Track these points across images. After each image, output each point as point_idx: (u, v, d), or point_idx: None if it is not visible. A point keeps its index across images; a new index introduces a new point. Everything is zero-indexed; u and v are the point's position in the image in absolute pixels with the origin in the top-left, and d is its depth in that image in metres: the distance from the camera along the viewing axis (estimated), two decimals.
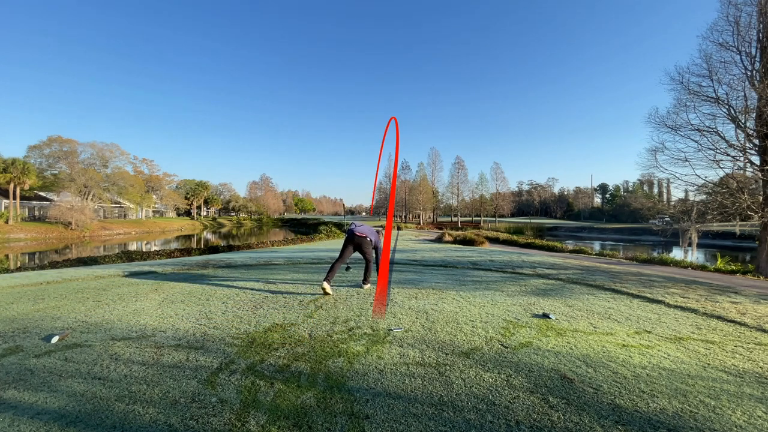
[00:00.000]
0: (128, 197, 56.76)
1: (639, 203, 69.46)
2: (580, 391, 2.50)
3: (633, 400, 2.38)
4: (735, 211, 12.03)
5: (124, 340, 3.39)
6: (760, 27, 11.75)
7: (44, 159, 47.40)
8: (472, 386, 2.54)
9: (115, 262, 12.39)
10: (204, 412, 2.18)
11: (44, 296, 5.23)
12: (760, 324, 4.17)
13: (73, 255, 20.28)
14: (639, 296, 5.54)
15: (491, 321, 4.08)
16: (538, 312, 4.48)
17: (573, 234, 58.95)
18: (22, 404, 2.27)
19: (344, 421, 2.09)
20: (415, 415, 2.16)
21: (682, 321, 4.28)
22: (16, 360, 2.94)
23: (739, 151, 12.27)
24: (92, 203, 47.32)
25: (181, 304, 4.76)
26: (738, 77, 12.17)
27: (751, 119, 12.11)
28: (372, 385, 2.53)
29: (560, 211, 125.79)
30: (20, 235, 36.41)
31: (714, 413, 2.26)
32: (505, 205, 78.90)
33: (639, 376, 2.76)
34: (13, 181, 39.74)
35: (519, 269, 8.27)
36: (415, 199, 69.78)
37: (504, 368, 2.84)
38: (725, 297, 5.61)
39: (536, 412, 2.23)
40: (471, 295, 5.43)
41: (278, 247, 16.66)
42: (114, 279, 6.79)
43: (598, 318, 4.32)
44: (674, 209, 15.17)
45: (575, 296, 5.50)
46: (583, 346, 3.35)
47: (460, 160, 76.76)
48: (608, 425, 2.10)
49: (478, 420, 2.13)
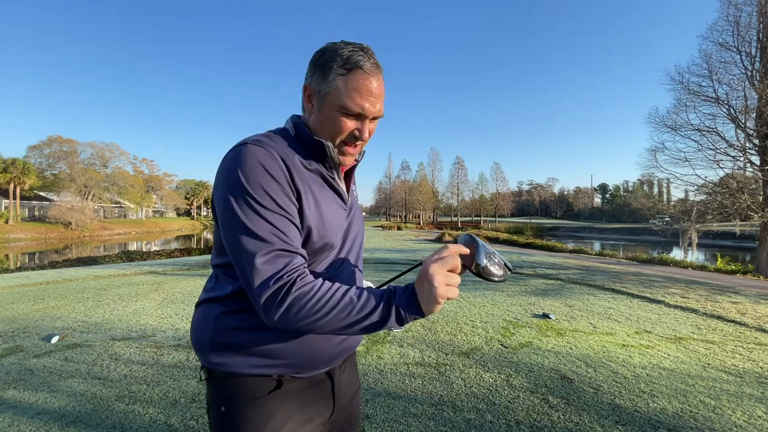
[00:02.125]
0: (128, 197, 56.76)
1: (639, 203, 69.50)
2: (580, 391, 2.50)
3: (633, 400, 2.38)
4: (735, 211, 12.03)
5: (124, 340, 3.39)
6: (760, 27, 11.75)
7: (44, 159, 47.38)
8: (472, 386, 2.54)
9: (115, 262, 12.39)
10: (204, 412, 2.18)
11: (44, 296, 5.23)
12: (760, 324, 4.17)
13: (73, 255, 20.28)
14: (639, 296, 5.54)
15: (491, 321, 4.08)
16: (538, 312, 4.48)
17: (573, 234, 58.98)
18: (22, 404, 2.27)
19: None
20: (415, 415, 2.16)
21: (682, 321, 4.28)
22: (16, 360, 2.94)
23: (739, 151, 12.27)
24: (92, 203, 47.31)
25: (181, 304, 4.76)
26: (738, 77, 12.17)
27: (751, 119, 12.11)
28: (372, 385, 2.53)
29: (560, 211, 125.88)
30: (20, 235, 36.42)
31: (714, 413, 2.26)
32: (505, 205, 78.91)
33: (639, 376, 2.76)
34: (13, 181, 39.76)
35: (519, 269, 8.27)
36: (415, 199, 69.74)
37: (504, 368, 2.84)
38: (725, 297, 5.61)
39: (536, 412, 2.23)
40: (471, 295, 5.43)
41: None
42: (114, 279, 6.79)
43: (598, 318, 4.32)
44: (674, 209, 15.18)
45: (575, 296, 5.50)
46: (583, 346, 3.35)
47: (460, 160, 76.77)
48: (608, 425, 2.10)
49: (478, 420, 2.13)
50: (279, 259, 0.63)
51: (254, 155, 0.66)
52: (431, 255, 0.65)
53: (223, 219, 0.67)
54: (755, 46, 11.89)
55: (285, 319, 0.62)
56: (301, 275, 0.64)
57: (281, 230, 0.65)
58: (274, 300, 0.61)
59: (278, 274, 0.62)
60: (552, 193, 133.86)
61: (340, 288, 0.65)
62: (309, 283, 0.63)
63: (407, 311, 0.63)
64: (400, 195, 75.71)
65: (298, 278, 0.63)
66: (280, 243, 0.64)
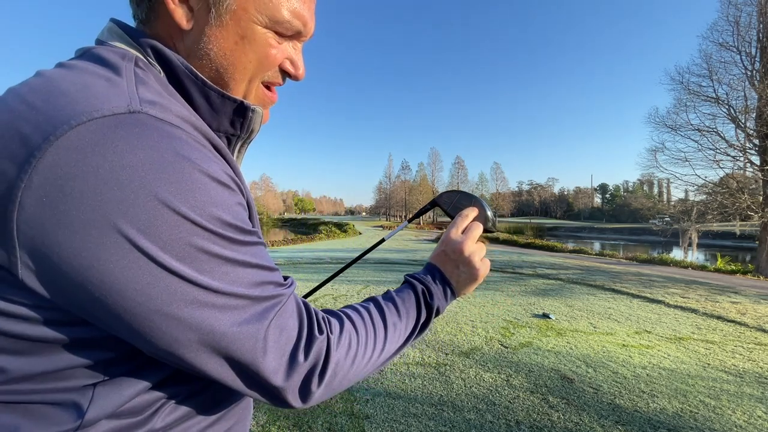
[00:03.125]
0: None
1: (639, 203, 69.60)
2: (580, 391, 2.50)
3: (633, 400, 2.38)
4: (735, 211, 12.04)
5: None
6: (760, 27, 11.76)
7: None
8: (472, 386, 2.54)
9: None
10: None
11: None
12: (760, 324, 4.17)
13: None
14: (639, 296, 5.54)
15: (491, 321, 4.08)
16: (538, 312, 4.48)
17: (573, 234, 59.02)
18: None
19: (344, 421, 2.09)
20: (415, 415, 2.16)
21: (682, 321, 4.28)
22: None
23: (739, 151, 12.28)
24: None
25: None
26: (738, 77, 12.19)
27: (751, 119, 12.12)
28: (372, 385, 2.53)
29: (560, 211, 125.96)
30: None
31: (714, 413, 2.26)
32: (505, 205, 79.08)
33: (639, 376, 2.76)
34: None
35: (519, 269, 8.28)
36: (415, 199, 69.82)
37: (504, 368, 2.84)
38: (725, 297, 5.61)
39: (536, 412, 2.23)
40: (471, 295, 5.43)
41: (278, 246, 16.68)
42: None
43: (598, 318, 4.32)
44: (674, 209, 15.20)
45: (575, 296, 5.50)
46: (583, 346, 3.36)
47: (460, 160, 76.94)
48: (608, 425, 2.10)
49: (478, 420, 2.13)
50: (290, 318, 0.38)
51: (173, 146, 0.31)
52: (452, 228, 0.55)
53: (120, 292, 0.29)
54: (755, 46, 11.90)
55: (324, 396, 0.41)
56: (326, 323, 0.42)
57: (264, 265, 0.37)
58: (309, 382, 0.38)
59: (299, 344, 0.38)
60: (552, 193, 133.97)
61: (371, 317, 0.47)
62: (342, 332, 0.42)
63: (444, 306, 0.54)
64: (400, 195, 75.83)
65: (330, 336, 0.41)
66: (277, 288, 0.37)
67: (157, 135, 0.30)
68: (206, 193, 0.31)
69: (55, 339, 0.31)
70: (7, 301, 0.30)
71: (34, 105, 0.30)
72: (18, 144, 0.28)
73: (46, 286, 0.29)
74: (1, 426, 0.31)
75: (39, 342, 0.31)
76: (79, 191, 0.27)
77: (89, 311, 0.30)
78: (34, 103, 0.30)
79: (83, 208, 0.27)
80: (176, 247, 0.30)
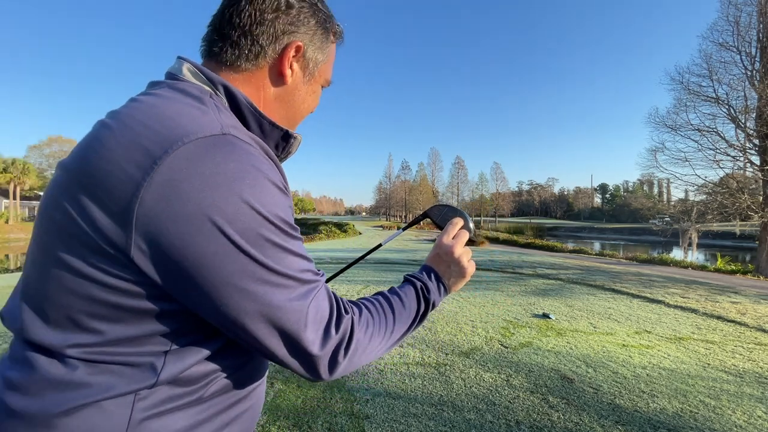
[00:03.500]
0: None
1: (639, 203, 69.55)
2: (580, 391, 2.50)
3: (633, 400, 2.38)
4: (735, 211, 12.04)
5: None
6: (760, 27, 11.76)
7: (44, 159, 47.50)
8: (472, 386, 2.54)
9: None
10: None
11: None
12: (760, 324, 4.17)
13: None
14: (639, 296, 5.54)
15: (491, 321, 4.08)
16: (538, 312, 4.48)
17: (573, 234, 58.99)
18: None
19: (344, 421, 2.09)
20: (415, 415, 2.16)
21: (682, 321, 4.28)
22: None
23: (739, 151, 12.28)
24: None
25: None
26: (738, 77, 12.19)
27: (751, 119, 12.12)
28: (372, 385, 2.53)
29: (560, 211, 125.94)
30: (20, 235, 36.40)
31: (714, 413, 2.26)
32: (505, 205, 79.00)
33: (639, 376, 2.76)
34: (13, 181, 39.81)
35: (519, 269, 8.28)
36: (415, 199, 69.76)
37: (504, 368, 2.84)
38: (725, 297, 5.61)
39: (536, 412, 2.23)
40: (471, 295, 5.43)
41: None
42: None
43: (598, 318, 4.32)
44: (674, 209, 15.21)
45: (575, 296, 5.50)
46: (583, 346, 3.36)
47: (460, 160, 76.88)
48: (608, 425, 2.10)
49: (478, 420, 2.13)
50: (324, 300, 0.47)
51: (250, 159, 0.42)
52: (444, 235, 0.65)
53: (213, 275, 0.39)
54: (755, 46, 11.90)
55: (346, 370, 0.49)
56: (349, 306, 0.52)
57: (305, 256, 0.47)
58: (337, 354, 0.47)
59: (331, 321, 0.46)
60: (552, 193, 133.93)
61: (382, 306, 0.56)
62: (361, 315, 0.52)
63: (439, 300, 0.63)
64: (400, 195, 75.78)
65: (353, 317, 0.50)
66: (315, 275, 0.47)
67: (240, 151, 0.41)
68: (272, 196, 0.42)
69: (146, 309, 0.40)
70: (115, 277, 0.38)
71: (151, 126, 0.40)
72: (142, 155, 0.38)
73: (152, 264, 0.38)
74: (98, 383, 0.40)
75: (132, 311, 0.40)
76: (186, 191, 0.37)
77: (179, 285, 0.39)
78: (151, 125, 0.40)
79: (189, 204, 0.37)
80: (250, 235, 0.39)
